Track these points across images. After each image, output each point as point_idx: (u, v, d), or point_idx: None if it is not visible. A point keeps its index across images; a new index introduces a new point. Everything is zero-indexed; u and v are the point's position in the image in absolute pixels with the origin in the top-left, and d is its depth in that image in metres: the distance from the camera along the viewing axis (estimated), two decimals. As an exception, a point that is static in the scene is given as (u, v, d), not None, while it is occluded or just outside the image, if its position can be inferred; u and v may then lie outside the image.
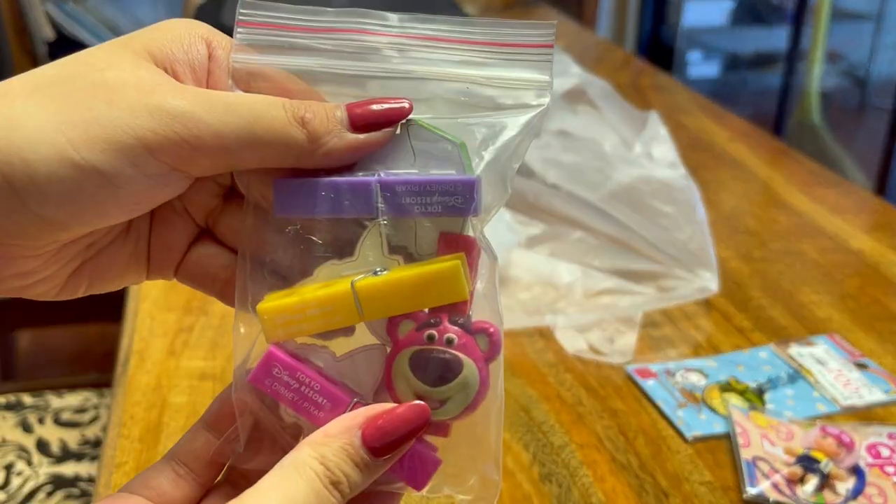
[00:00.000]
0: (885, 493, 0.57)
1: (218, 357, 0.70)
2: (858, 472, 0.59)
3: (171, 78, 0.29)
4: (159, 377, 0.67)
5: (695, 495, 0.57)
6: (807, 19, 2.55)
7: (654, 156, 0.97)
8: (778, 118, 2.70)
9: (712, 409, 0.65)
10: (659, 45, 3.15)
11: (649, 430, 0.63)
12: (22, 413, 0.98)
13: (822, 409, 0.66)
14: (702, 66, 3.34)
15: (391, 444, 0.29)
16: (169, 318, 0.75)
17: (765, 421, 0.63)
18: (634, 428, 0.64)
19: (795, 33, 2.65)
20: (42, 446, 0.93)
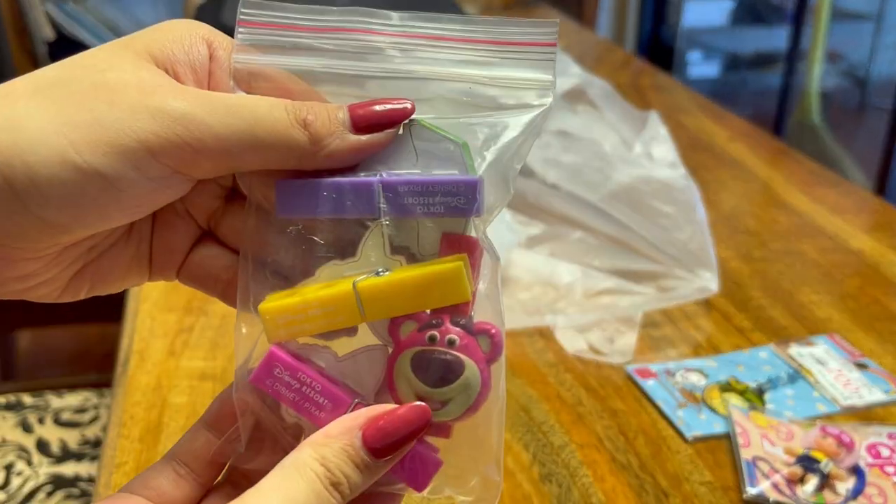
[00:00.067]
0: (885, 493, 0.57)
1: (218, 357, 0.70)
2: (858, 472, 0.59)
3: (172, 79, 0.29)
4: (159, 377, 0.67)
5: (695, 495, 0.57)
6: (807, 19, 2.55)
7: (654, 156, 0.97)
8: (778, 118, 2.70)
9: (712, 409, 0.65)
10: (659, 45, 3.15)
11: (649, 430, 0.63)
12: (22, 413, 0.97)
13: (822, 409, 0.66)
14: (702, 66, 3.34)
15: (392, 446, 0.29)
16: (169, 318, 0.75)
17: (765, 421, 0.63)
18: (634, 428, 0.64)
19: (795, 33, 2.65)
20: (42, 446, 0.93)
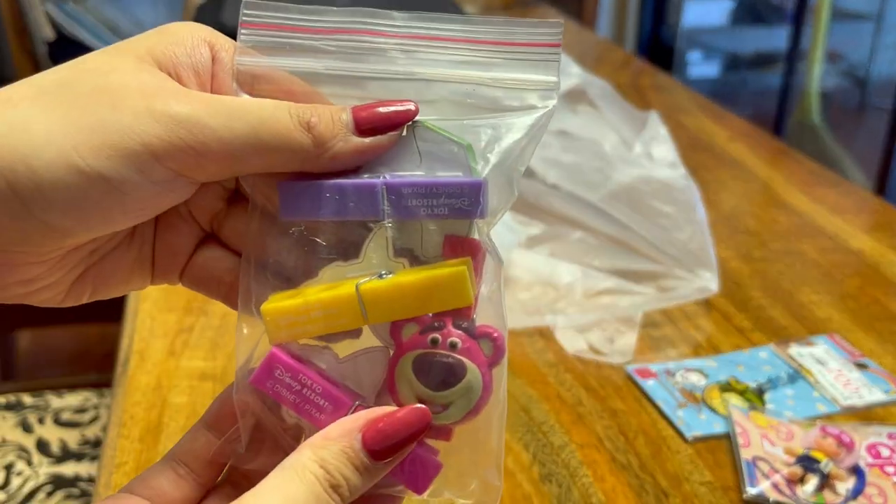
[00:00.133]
0: (885, 493, 0.57)
1: (218, 357, 0.70)
2: (858, 472, 0.59)
3: (175, 82, 0.29)
4: (159, 377, 0.67)
5: (695, 495, 0.57)
6: (807, 19, 2.55)
7: (654, 156, 0.97)
8: (778, 118, 2.70)
9: (712, 409, 0.65)
10: (659, 45, 3.15)
11: (649, 430, 0.63)
12: (22, 413, 0.97)
13: (822, 409, 0.66)
14: (702, 66, 3.34)
15: (391, 448, 0.29)
16: (169, 318, 0.75)
17: (765, 421, 0.63)
18: (634, 428, 0.64)
19: (795, 33, 2.65)
20: (42, 446, 0.93)
